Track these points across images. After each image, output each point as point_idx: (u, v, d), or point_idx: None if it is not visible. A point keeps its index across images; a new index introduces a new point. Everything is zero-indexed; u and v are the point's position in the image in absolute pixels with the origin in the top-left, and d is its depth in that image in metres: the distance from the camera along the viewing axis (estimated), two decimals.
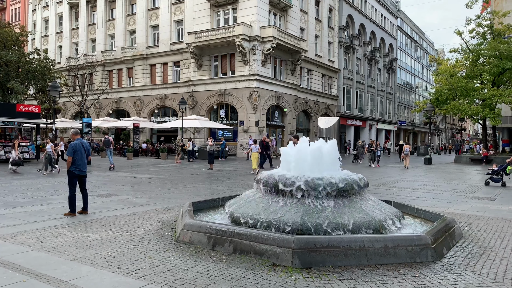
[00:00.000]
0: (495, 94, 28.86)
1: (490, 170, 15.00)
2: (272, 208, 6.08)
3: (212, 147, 21.27)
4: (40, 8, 47.69)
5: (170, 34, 35.32)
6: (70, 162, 7.97)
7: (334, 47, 42.35)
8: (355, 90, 46.49)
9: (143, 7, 37.13)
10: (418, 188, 13.58)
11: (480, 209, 9.37)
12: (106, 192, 11.37)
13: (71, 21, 44.14)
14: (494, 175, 14.75)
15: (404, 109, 65.10)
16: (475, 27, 31.43)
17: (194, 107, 32.92)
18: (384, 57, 54.43)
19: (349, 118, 44.94)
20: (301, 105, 36.39)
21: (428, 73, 76.85)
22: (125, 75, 38.86)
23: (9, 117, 22.80)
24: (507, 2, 38.50)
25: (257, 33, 30.07)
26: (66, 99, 37.90)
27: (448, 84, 31.03)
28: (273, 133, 33.55)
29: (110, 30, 40.31)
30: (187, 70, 34.00)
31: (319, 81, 39.81)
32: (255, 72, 30.09)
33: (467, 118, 35.63)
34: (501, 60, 29.13)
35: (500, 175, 14.65)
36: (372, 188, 12.30)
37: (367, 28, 48.91)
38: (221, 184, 14.07)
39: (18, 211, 8.37)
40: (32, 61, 30.90)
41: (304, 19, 36.91)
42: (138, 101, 37.19)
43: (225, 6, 31.92)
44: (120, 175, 16.86)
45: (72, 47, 43.75)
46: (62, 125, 37.11)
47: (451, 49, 33.16)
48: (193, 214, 6.62)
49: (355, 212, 5.94)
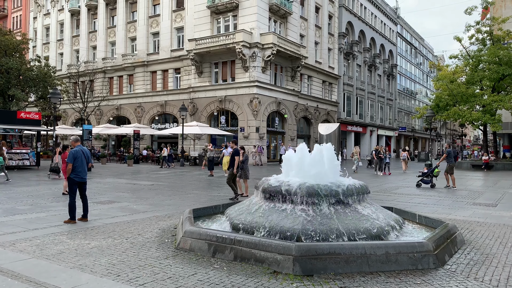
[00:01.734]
0: (495, 100, 28.88)
1: (420, 173, 16.04)
2: (273, 214, 6.06)
3: (212, 154, 21.26)
4: (41, 15, 47.94)
5: (171, 41, 35.46)
6: (70, 169, 7.96)
7: (334, 53, 42.49)
8: (355, 96, 46.56)
9: (143, 15, 37.31)
10: (419, 195, 13.54)
11: (482, 215, 9.33)
12: (107, 199, 11.34)
13: (72, 29, 44.34)
14: (425, 177, 15.63)
15: (405, 115, 65.15)
16: (474, 33, 31.55)
17: (195, 114, 32.96)
18: (384, 63, 54.58)
19: (349, 124, 44.96)
20: (302, 111, 36.43)
21: (428, 79, 77.00)
22: (125, 82, 38.96)
23: (10, 124, 22.85)
24: (506, 8, 38.72)
25: (257, 40, 30.18)
26: (66, 106, 37.96)
27: (448, 90, 31.07)
28: (273, 139, 33.58)
29: (111, 37, 40.48)
30: (187, 77, 34.08)
31: (319, 87, 39.89)
32: (256, 79, 30.15)
33: (467, 124, 35.65)
34: (501, 66, 29.20)
35: (430, 177, 15.54)
36: (373, 195, 12.26)
37: (367, 35, 49.09)
38: (222, 190, 14.03)
39: (18, 219, 8.35)
40: (33, 68, 31.00)
41: (304, 26, 37.07)
42: (139, 108, 37.24)
43: (225, 13, 32.07)
44: (121, 182, 16.83)
45: (73, 54, 43.91)
46: (63, 132, 37.14)
47: (451, 55, 33.25)
48: (193, 221, 6.59)
49: (356, 219, 5.91)
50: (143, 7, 37.38)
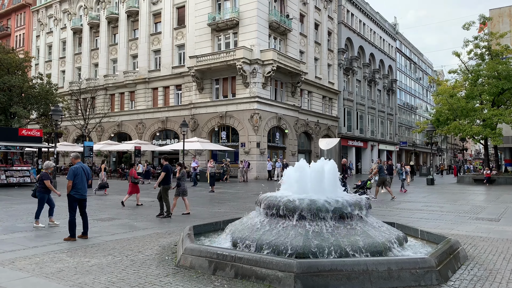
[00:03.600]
0: (495, 114, 28.93)
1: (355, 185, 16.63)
2: (274, 231, 6.02)
3: (213, 169, 21.23)
4: (44, 34, 48.56)
5: (172, 58, 35.80)
6: (70, 186, 7.96)
7: (333, 69, 42.80)
8: (355, 111, 46.70)
9: (145, 32, 37.76)
10: (421, 209, 13.46)
11: (485, 230, 9.26)
12: (107, 216, 11.29)
13: (74, 46, 44.86)
14: (360, 189, 15.96)
15: (405, 129, 65.23)
16: (473, 48, 31.78)
17: (196, 130, 33.05)
18: (383, 78, 54.90)
19: (350, 139, 44.99)
20: (302, 127, 36.51)
21: (428, 94, 77.32)
22: (127, 98, 39.19)
23: (11, 142, 22.90)
24: (504, 23, 39.13)
25: (258, 56, 30.46)
26: (68, 123, 38.11)
27: (448, 105, 31.16)
28: (274, 154, 33.55)
29: (113, 54, 40.90)
30: (188, 93, 34.29)
31: (319, 102, 40.06)
32: (256, 95, 30.32)
33: (468, 138, 35.64)
34: (500, 81, 29.35)
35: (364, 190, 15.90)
36: (375, 210, 12.19)
37: (366, 51, 49.53)
38: (222, 206, 13.97)
39: (17, 236, 8.30)
40: (35, 85, 31.23)
41: (304, 42, 37.44)
42: (140, 124, 37.37)
43: (225, 30, 32.45)
44: (121, 198, 16.75)
45: (75, 72, 44.31)
46: (64, 148, 37.20)
47: (450, 70, 33.45)
48: (193, 238, 6.55)
49: (357, 235, 5.87)
50: (144, 25, 37.87)
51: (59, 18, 46.78)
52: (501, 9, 41.28)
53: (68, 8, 45.42)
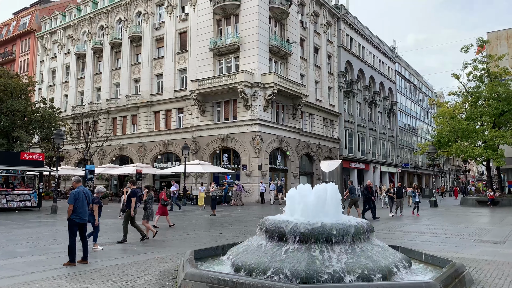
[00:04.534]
0: (496, 135, 28.97)
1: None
2: (275, 255, 5.93)
3: (214, 192, 21.13)
4: (48, 59, 49.31)
5: (174, 82, 36.19)
6: (71, 210, 7.91)
7: (334, 91, 43.14)
8: (356, 133, 46.80)
9: (147, 57, 38.31)
10: (424, 232, 13.31)
11: (490, 253, 9.12)
12: (107, 240, 11.18)
13: (77, 71, 45.46)
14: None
15: (407, 151, 65.16)
16: (472, 70, 32.09)
17: (197, 152, 33.08)
18: (384, 100, 55.23)
19: (352, 161, 44.91)
20: (304, 149, 36.52)
21: (428, 116, 77.60)
22: (129, 122, 39.42)
23: (13, 165, 22.93)
24: (502, 46, 39.66)
25: (259, 79, 30.77)
26: (70, 147, 38.22)
27: (449, 126, 31.24)
28: (276, 176, 33.44)
29: (115, 79, 41.39)
30: (190, 116, 34.50)
31: (320, 124, 40.20)
32: (257, 117, 30.48)
33: (470, 159, 35.54)
34: (500, 102, 29.51)
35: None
36: (378, 233, 12.03)
37: (366, 73, 50.01)
38: (224, 230, 13.84)
39: (17, 261, 8.21)
40: (38, 110, 31.48)
41: (304, 65, 37.89)
42: (142, 148, 37.45)
43: (227, 55, 32.91)
44: (121, 222, 16.64)
45: (78, 96, 44.75)
46: (65, 172, 37.18)
47: (450, 92, 33.72)
48: (194, 263, 6.46)
49: (361, 258, 5.78)
50: (147, 50, 38.46)
51: (63, 44, 47.58)
52: (498, 32, 41.94)
53: (72, 33, 46.27)
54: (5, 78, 30.37)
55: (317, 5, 40.58)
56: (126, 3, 40.55)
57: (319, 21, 41.23)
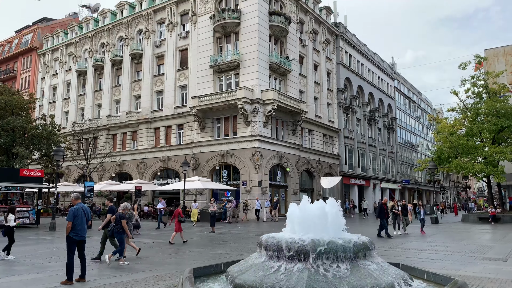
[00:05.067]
0: (496, 151, 28.97)
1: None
2: (275, 273, 5.86)
3: (214, 209, 20.99)
4: (49, 76, 49.68)
5: (174, 99, 36.37)
6: (70, 227, 7.85)
7: (333, 108, 43.33)
8: (356, 150, 46.81)
9: (148, 74, 38.60)
10: (426, 249, 13.18)
11: (493, 271, 9.02)
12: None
13: (78, 88, 45.74)
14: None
15: (407, 167, 65.05)
16: (470, 87, 32.26)
17: (197, 169, 33.02)
18: (383, 116, 55.43)
19: (352, 177, 44.79)
20: (304, 165, 36.47)
21: (428, 132, 77.74)
22: (129, 138, 39.46)
23: (12, 182, 22.84)
24: (499, 63, 40.01)
25: (258, 96, 30.94)
26: (69, 163, 38.14)
27: (449, 143, 31.26)
28: (276, 193, 33.32)
29: (116, 95, 41.61)
30: (190, 132, 34.56)
31: (320, 140, 40.25)
32: (257, 133, 30.54)
33: (470, 175, 35.46)
34: (499, 118, 29.59)
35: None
36: (379, 250, 11.92)
37: (365, 90, 50.32)
38: (224, 248, 13.71)
39: (14, 280, 8.11)
40: (38, 126, 31.53)
41: (303, 82, 38.15)
42: (141, 164, 37.40)
43: (227, 72, 33.17)
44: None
45: (78, 112, 44.92)
46: (64, 189, 37.05)
47: (449, 108, 33.82)
48: (193, 281, 6.37)
49: (362, 277, 5.71)
50: (148, 67, 38.77)
51: (64, 61, 48.00)
52: (496, 49, 42.38)
53: (74, 51, 46.73)
54: (6, 95, 30.50)
55: (316, 23, 41.10)
56: (127, 21, 41.08)
57: (318, 39, 41.70)
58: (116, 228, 10.10)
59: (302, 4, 38.41)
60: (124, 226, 9.95)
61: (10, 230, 11.13)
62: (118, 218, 10.16)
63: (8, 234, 11.06)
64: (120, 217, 10.13)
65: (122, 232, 10.11)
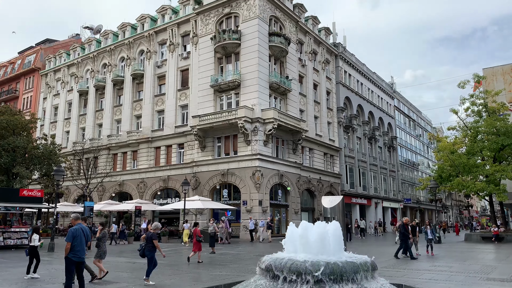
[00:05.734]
0: (497, 170, 28.89)
1: None
2: None
3: (213, 229, 20.79)
4: (51, 96, 50.04)
5: (175, 118, 36.51)
6: (69, 248, 7.77)
7: (333, 126, 43.45)
8: (357, 168, 46.69)
9: (149, 94, 38.88)
10: (429, 270, 13.00)
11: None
12: (104, 279, 10.90)
13: (79, 108, 46.00)
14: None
15: (408, 186, 64.76)
16: (469, 105, 32.38)
17: (197, 188, 32.89)
18: (383, 135, 55.50)
19: (353, 196, 44.55)
20: (304, 184, 36.33)
21: (429, 151, 77.70)
22: (129, 158, 39.44)
23: (12, 202, 22.73)
24: (498, 82, 40.34)
25: (259, 115, 31.07)
26: (69, 183, 38.03)
27: (450, 161, 31.18)
28: (276, 212, 33.08)
29: (117, 115, 41.80)
30: (190, 152, 34.56)
31: (321, 159, 40.20)
32: (258, 152, 30.53)
33: (472, 194, 35.27)
34: (499, 137, 29.59)
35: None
36: (381, 270, 11.77)
37: (365, 109, 50.55)
38: (224, 269, 13.53)
39: None
40: (39, 146, 31.58)
41: (303, 101, 38.37)
42: (141, 183, 37.28)
43: (227, 91, 33.41)
44: (120, 260, 16.32)
45: (79, 132, 45.05)
46: (64, 209, 36.83)
47: (449, 126, 33.88)
48: None
49: None
50: (149, 87, 39.08)
51: (66, 81, 48.42)
52: (494, 68, 42.79)
53: (76, 71, 47.19)
54: (7, 115, 30.68)
55: (315, 44, 41.61)
56: (129, 42, 41.63)
57: (318, 59, 42.15)
58: (148, 247, 10.15)
59: (301, 25, 38.98)
60: (156, 245, 10.05)
61: (34, 250, 11.53)
62: (149, 238, 10.19)
63: (33, 254, 11.46)
64: (151, 237, 10.20)
65: (153, 251, 10.15)
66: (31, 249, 11.50)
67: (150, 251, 10.09)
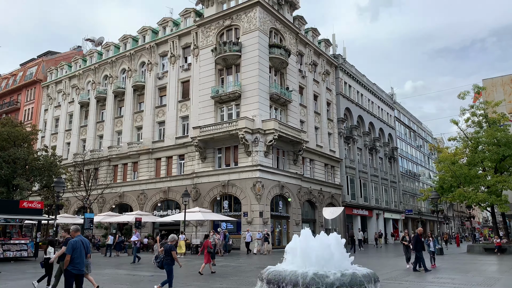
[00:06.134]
0: (499, 180, 28.78)
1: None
2: None
3: (213, 241, 20.68)
4: (52, 107, 50.21)
5: (176, 129, 36.57)
6: (68, 260, 7.72)
7: (334, 137, 43.47)
8: (358, 179, 46.58)
9: (150, 105, 39.01)
10: (431, 282, 12.88)
11: None
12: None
13: (80, 119, 46.12)
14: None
15: (410, 197, 64.52)
16: (470, 116, 32.42)
17: (198, 199, 32.78)
18: (384, 146, 55.47)
19: (354, 207, 44.36)
20: (305, 195, 36.21)
21: (430, 161, 77.60)
22: (130, 169, 39.40)
23: (12, 214, 22.63)
24: (498, 93, 40.45)
25: (259, 126, 31.12)
26: (70, 194, 37.96)
27: (451, 172, 31.11)
28: (277, 224, 32.89)
29: (118, 126, 41.88)
30: (191, 163, 34.54)
31: (322, 170, 40.14)
32: (258, 163, 30.50)
33: (474, 205, 35.09)
34: (500, 147, 29.54)
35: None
36: (383, 283, 11.66)
37: (365, 120, 50.62)
38: (224, 281, 13.41)
39: None
40: (40, 157, 31.56)
41: (304, 112, 38.46)
42: (142, 195, 37.18)
43: (228, 102, 33.51)
44: (120, 272, 16.20)
45: (80, 144, 45.08)
46: (64, 220, 36.63)
47: (450, 137, 33.87)
48: None
49: None
50: (150, 98, 39.23)
51: (67, 93, 48.63)
52: (494, 79, 42.95)
53: (77, 83, 47.43)
54: (8, 127, 30.76)
55: (315, 55, 41.87)
56: (130, 54, 41.91)
57: (318, 70, 42.37)
58: (166, 260, 10.15)
59: (301, 37, 39.27)
60: (174, 257, 10.03)
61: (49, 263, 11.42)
62: (167, 250, 10.20)
63: (47, 266, 11.44)
64: (169, 249, 10.21)
65: (171, 264, 10.14)
66: (46, 261, 11.41)
67: (169, 264, 10.17)
